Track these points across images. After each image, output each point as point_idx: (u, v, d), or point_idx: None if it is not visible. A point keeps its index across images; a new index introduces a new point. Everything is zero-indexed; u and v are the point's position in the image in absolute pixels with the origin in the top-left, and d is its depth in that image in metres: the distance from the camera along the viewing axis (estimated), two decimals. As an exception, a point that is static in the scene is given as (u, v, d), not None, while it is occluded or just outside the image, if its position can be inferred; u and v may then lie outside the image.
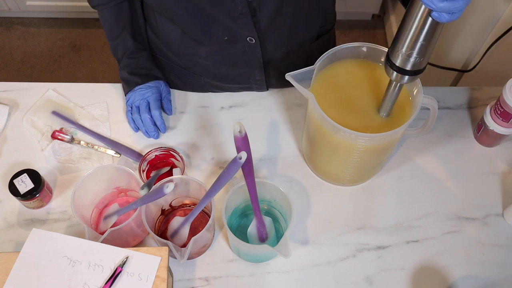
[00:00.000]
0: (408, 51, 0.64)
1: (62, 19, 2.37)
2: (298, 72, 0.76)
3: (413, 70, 0.67)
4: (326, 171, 0.90)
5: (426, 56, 0.66)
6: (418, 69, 0.67)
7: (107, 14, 0.95)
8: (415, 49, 0.64)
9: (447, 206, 0.90)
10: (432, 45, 0.64)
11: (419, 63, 0.66)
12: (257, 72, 0.99)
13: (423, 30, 0.61)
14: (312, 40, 0.98)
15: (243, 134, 0.69)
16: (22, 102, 1.02)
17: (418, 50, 0.64)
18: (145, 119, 0.94)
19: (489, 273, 0.83)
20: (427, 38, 0.62)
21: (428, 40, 0.63)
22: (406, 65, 0.67)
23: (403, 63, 0.66)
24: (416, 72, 0.68)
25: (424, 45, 0.63)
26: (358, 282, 0.82)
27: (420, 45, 0.63)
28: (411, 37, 0.63)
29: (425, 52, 0.65)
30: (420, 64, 0.67)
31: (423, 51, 0.64)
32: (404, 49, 0.65)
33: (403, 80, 0.69)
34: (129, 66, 0.98)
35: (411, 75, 0.68)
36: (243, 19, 0.84)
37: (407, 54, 0.65)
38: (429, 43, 0.63)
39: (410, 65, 0.66)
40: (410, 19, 0.61)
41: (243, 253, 0.82)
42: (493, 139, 0.95)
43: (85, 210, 0.82)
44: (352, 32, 2.35)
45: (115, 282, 0.69)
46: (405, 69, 0.67)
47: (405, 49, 0.65)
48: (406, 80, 0.69)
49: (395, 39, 0.66)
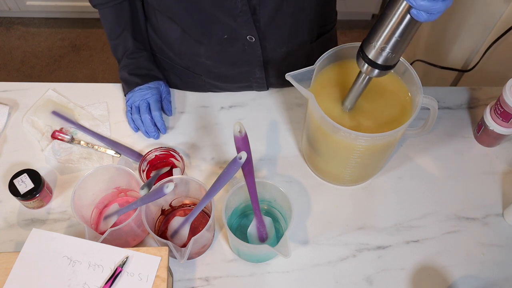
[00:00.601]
0: (382, 45, 0.65)
1: (62, 19, 2.37)
2: (298, 72, 0.76)
3: (384, 65, 0.68)
4: (326, 171, 0.90)
5: (398, 53, 0.66)
6: (389, 65, 0.68)
7: (108, 14, 0.95)
8: (389, 44, 0.65)
9: (447, 206, 0.90)
10: (406, 43, 0.65)
11: (391, 58, 0.67)
12: (257, 70, 0.98)
13: (400, 26, 0.62)
14: (313, 39, 0.98)
15: (243, 134, 0.69)
16: (22, 102, 1.02)
17: (392, 45, 0.65)
18: (145, 119, 0.94)
19: (489, 273, 0.83)
20: (403, 34, 0.63)
21: (403, 37, 0.63)
22: (378, 59, 0.67)
23: (375, 56, 0.67)
24: (386, 67, 0.68)
25: (399, 42, 0.64)
26: (358, 282, 0.82)
27: (395, 40, 0.64)
28: (387, 32, 0.63)
29: (399, 49, 0.65)
30: (392, 60, 0.67)
31: (397, 47, 0.65)
32: (378, 42, 0.65)
33: (372, 73, 0.70)
34: (129, 66, 0.98)
35: (381, 69, 0.68)
36: (243, 17, 0.84)
37: (381, 48, 0.65)
38: (404, 40, 0.64)
39: (382, 59, 0.67)
40: (389, 14, 0.62)
41: (243, 253, 0.82)
42: (493, 139, 0.95)
43: (85, 210, 0.82)
44: (352, 32, 2.35)
45: (115, 282, 0.69)
46: (376, 63, 0.68)
47: (379, 43, 0.65)
48: (375, 74, 0.69)
49: (371, 31, 0.66)
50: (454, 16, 1.47)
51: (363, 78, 0.73)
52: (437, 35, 1.59)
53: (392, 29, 0.63)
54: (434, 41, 1.63)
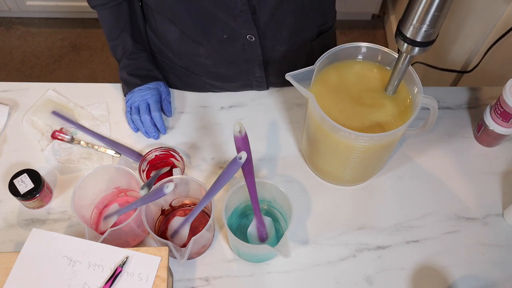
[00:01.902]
0: (419, 23, 0.65)
1: (62, 19, 2.37)
2: (298, 72, 0.76)
3: (424, 42, 0.68)
4: (326, 171, 0.90)
5: (437, 27, 0.66)
6: (429, 41, 0.68)
7: (107, 15, 0.95)
8: (426, 21, 0.65)
9: (447, 206, 0.90)
10: (443, 16, 0.65)
11: (430, 34, 0.67)
12: (257, 69, 0.98)
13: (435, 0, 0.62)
14: (313, 38, 0.98)
15: (243, 134, 0.69)
16: (22, 102, 1.02)
17: (430, 21, 0.65)
18: (145, 120, 0.94)
19: (489, 273, 0.83)
20: (439, 8, 0.63)
21: (440, 10, 0.63)
22: (417, 37, 0.67)
23: (414, 35, 0.67)
24: (426, 43, 0.68)
25: (436, 16, 0.64)
26: (358, 282, 0.82)
27: (432, 16, 0.64)
28: (422, 9, 0.63)
29: (436, 23, 0.65)
30: (430, 36, 0.67)
31: (434, 22, 0.65)
32: (415, 21, 0.65)
33: (413, 52, 0.70)
34: (129, 67, 0.98)
35: (421, 46, 0.69)
36: (243, 16, 0.84)
37: (419, 26, 0.66)
38: (441, 13, 0.64)
39: (421, 36, 0.67)
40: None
41: (243, 253, 0.82)
42: (493, 139, 0.95)
43: (85, 210, 0.82)
44: (352, 32, 2.35)
45: (115, 282, 0.69)
46: (416, 41, 0.68)
47: (415, 21, 0.65)
48: (416, 51, 0.70)
49: (405, 11, 0.66)
50: (454, 16, 1.47)
51: (404, 58, 0.73)
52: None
53: (427, 5, 0.63)
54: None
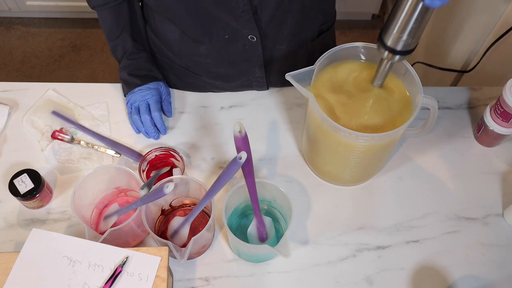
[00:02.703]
0: (399, 33, 0.67)
1: (62, 19, 2.37)
2: (298, 72, 0.76)
3: (403, 50, 0.70)
4: (326, 171, 0.90)
5: (416, 37, 0.69)
6: (408, 49, 0.70)
7: (106, 15, 0.95)
8: (406, 31, 0.67)
9: (447, 206, 0.90)
10: (422, 27, 0.67)
11: (410, 43, 0.69)
12: (257, 70, 0.98)
13: (414, 14, 0.64)
14: (313, 37, 0.98)
15: (243, 134, 0.69)
16: (22, 102, 1.02)
17: (409, 32, 0.67)
18: (145, 120, 0.94)
19: (489, 273, 0.83)
20: (418, 21, 0.65)
21: (419, 23, 0.65)
22: (397, 46, 0.69)
23: (394, 43, 0.69)
24: (406, 52, 0.71)
25: (415, 28, 0.66)
26: (358, 282, 0.82)
27: (411, 27, 0.66)
28: (402, 20, 0.66)
29: (416, 34, 0.68)
30: (410, 45, 0.69)
31: (414, 33, 0.67)
32: (395, 31, 0.67)
33: (394, 59, 0.72)
34: (129, 67, 0.98)
35: (401, 54, 0.71)
36: (244, 17, 0.84)
37: (399, 35, 0.68)
38: (420, 25, 0.66)
39: (401, 45, 0.69)
40: (402, 3, 0.64)
41: (243, 253, 0.82)
42: (493, 139, 0.95)
43: (85, 210, 0.82)
44: (352, 32, 2.35)
45: (115, 282, 0.69)
46: (396, 50, 0.70)
47: (396, 31, 0.67)
48: (397, 59, 0.72)
49: (387, 21, 0.68)
50: (454, 16, 1.47)
51: (385, 64, 0.75)
52: (437, 35, 1.59)
53: (407, 17, 0.65)
54: (434, 41, 1.63)
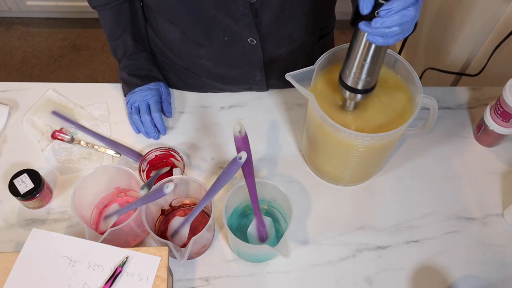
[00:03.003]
0: (357, 73, 0.69)
1: (62, 19, 2.37)
2: (298, 72, 0.76)
3: (364, 89, 0.72)
4: (326, 171, 0.90)
5: (374, 75, 0.70)
6: (369, 88, 0.72)
7: (107, 15, 0.95)
8: (363, 71, 0.69)
9: (447, 206, 0.90)
10: (379, 65, 0.69)
11: (369, 81, 0.71)
12: (258, 73, 0.99)
13: (368, 53, 0.66)
14: (314, 42, 0.98)
15: (243, 134, 0.69)
16: (22, 102, 1.02)
17: (366, 71, 0.69)
18: (145, 120, 0.94)
19: (489, 273, 0.83)
20: (372, 60, 0.67)
21: (374, 62, 0.67)
22: (358, 85, 0.71)
23: (354, 83, 0.71)
24: (367, 90, 0.72)
25: (371, 67, 0.68)
26: (358, 282, 0.82)
27: (367, 66, 0.68)
28: (357, 61, 0.68)
29: (373, 72, 0.69)
30: (370, 83, 0.71)
31: (371, 71, 0.69)
32: (353, 71, 0.69)
33: (356, 98, 0.74)
34: (129, 67, 0.98)
35: (362, 93, 0.72)
36: (244, 20, 0.84)
37: (357, 75, 0.70)
38: (375, 64, 0.68)
39: (361, 84, 0.71)
40: (354, 44, 0.66)
41: (243, 253, 0.82)
42: (493, 139, 0.95)
43: (85, 210, 0.82)
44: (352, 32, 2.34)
45: (115, 282, 0.69)
46: (357, 89, 0.72)
47: (354, 71, 0.69)
48: (359, 98, 0.74)
49: (344, 62, 0.70)
50: (454, 16, 1.47)
51: (349, 104, 0.77)
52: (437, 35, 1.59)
53: (362, 57, 0.67)
54: (434, 41, 1.63)
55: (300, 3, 0.85)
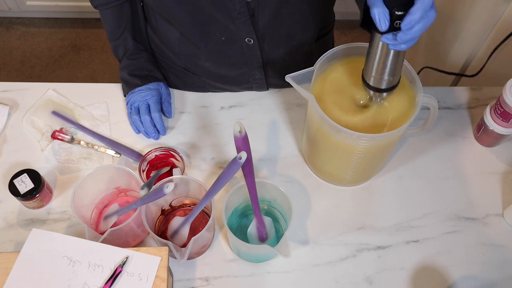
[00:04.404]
0: (379, 74, 0.69)
1: (62, 19, 2.37)
2: (298, 74, 0.77)
3: (388, 88, 0.72)
4: (326, 171, 0.90)
5: (396, 74, 0.70)
6: (392, 86, 0.72)
7: (109, 15, 0.95)
8: (385, 72, 0.69)
9: (447, 206, 0.90)
10: (399, 65, 0.69)
11: (392, 80, 0.71)
12: (257, 72, 0.98)
13: (388, 57, 0.66)
14: (312, 42, 0.98)
15: (243, 134, 0.69)
16: (22, 102, 1.02)
17: (388, 72, 0.69)
18: (145, 120, 0.94)
19: (489, 273, 0.83)
20: (394, 62, 0.67)
21: (395, 63, 0.67)
22: (381, 85, 0.71)
23: (377, 84, 0.71)
24: (391, 88, 0.72)
25: (393, 68, 0.68)
26: (358, 282, 0.82)
27: (389, 68, 0.68)
28: (377, 64, 0.68)
29: (395, 72, 0.69)
30: (393, 81, 0.71)
31: (393, 72, 0.69)
32: (374, 73, 0.70)
33: (381, 97, 0.75)
34: (129, 67, 0.98)
35: (387, 91, 0.73)
36: (241, 19, 0.84)
37: (379, 76, 0.70)
38: (397, 64, 0.68)
39: (384, 84, 0.71)
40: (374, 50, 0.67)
41: (243, 253, 0.82)
42: (493, 139, 0.95)
43: (85, 210, 0.82)
44: (352, 32, 2.35)
45: (115, 282, 0.69)
46: (380, 88, 0.72)
47: (374, 73, 0.70)
48: (384, 96, 0.74)
49: (366, 63, 0.70)
50: (453, 16, 1.47)
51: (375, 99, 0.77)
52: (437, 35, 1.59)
53: (382, 61, 0.67)
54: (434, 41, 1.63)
55: (297, 3, 0.85)
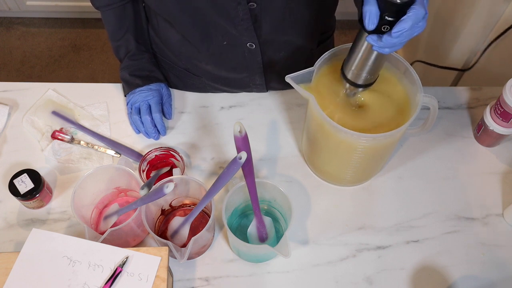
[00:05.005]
0: (358, 70, 0.70)
1: (62, 19, 2.37)
2: (298, 74, 0.77)
3: (364, 84, 0.73)
4: (327, 171, 0.90)
5: (375, 73, 0.72)
6: (369, 83, 0.73)
7: (111, 16, 0.95)
8: (364, 70, 0.70)
9: (447, 206, 0.90)
10: (380, 66, 0.70)
11: (369, 78, 0.72)
12: (257, 77, 0.99)
13: (370, 57, 0.68)
14: (313, 47, 0.98)
15: (243, 134, 0.69)
16: (22, 102, 1.02)
17: (367, 70, 0.70)
18: (146, 120, 0.94)
19: (489, 273, 0.83)
20: (374, 62, 0.68)
21: (376, 63, 0.69)
22: (358, 80, 0.72)
23: (355, 78, 0.72)
24: (367, 85, 0.74)
25: (373, 67, 0.69)
26: (358, 282, 0.82)
27: (368, 67, 0.69)
28: (359, 61, 0.69)
29: (374, 71, 0.71)
30: (370, 79, 0.72)
31: (372, 71, 0.70)
32: (354, 68, 0.71)
33: (357, 91, 0.75)
34: (131, 67, 0.98)
35: (363, 87, 0.74)
36: (244, 25, 0.84)
37: (357, 72, 0.71)
38: (377, 65, 0.70)
39: (361, 80, 0.72)
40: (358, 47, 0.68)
41: (243, 253, 0.82)
42: (493, 139, 0.95)
43: (85, 210, 0.82)
44: (352, 32, 2.35)
45: (115, 282, 0.69)
46: (357, 83, 0.73)
47: (354, 68, 0.71)
48: (360, 91, 0.75)
49: (347, 56, 0.71)
50: (454, 15, 1.47)
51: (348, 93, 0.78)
52: (437, 34, 1.59)
53: (363, 59, 0.68)
54: (434, 40, 1.63)
55: (301, 9, 0.85)
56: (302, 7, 0.85)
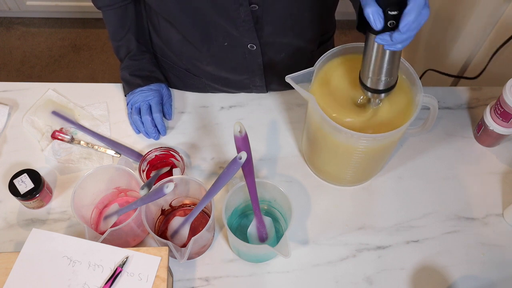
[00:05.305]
0: (376, 76, 0.69)
1: (62, 19, 2.37)
2: (298, 74, 0.77)
3: (386, 89, 0.72)
4: (327, 171, 0.90)
5: (393, 74, 0.70)
6: (390, 86, 0.72)
7: (112, 16, 0.95)
8: (382, 74, 0.69)
9: (447, 206, 0.90)
10: (396, 65, 0.69)
11: (389, 81, 0.71)
12: (258, 79, 0.99)
13: (384, 58, 0.66)
14: (314, 48, 0.98)
15: (243, 134, 0.69)
16: (22, 102, 1.02)
17: (385, 73, 0.69)
18: (146, 120, 0.94)
19: (489, 273, 0.83)
20: (390, 63, 0.67)
21: (391, 63, 0.67)
22: (379, 86, 0.71)
23: (375, 85, 0.71)
24: (389, 89, 0.72)
25: (389, 68, 0.68)
26: (358, 282, 0.82)
27: (386, 69, 0.68)
28: (374, 65, 0.68)
29: (392, 72, 0.69)
30: (391, 82, 0.71)
31: (390, 72, 0.69)
32: (371, 74, 0.70)
33: (380, 97, 0.74)
34: (131, 67, 0.98)
35: (385, 92, 0.73)
36: (245, 26, 0.84)
37: (376, 78, 0.70)
38: (393, 65, 0.68)
39: (382, 85, 0.71)
40: (370, 52, 0.67)
41: (243, 253, 0.82)
42: (493, 139, 0.95)
43: (85, 210, 0.82)
44: (352, 32, 2.35)
45: (115, 282, 0.69)
46: (378, 89, 0.72)
47: (371, 74, 0.69)
48: (382, 96, 0.74)
49: (362, 67, 0.71)
50: (453, 16, 1.47)
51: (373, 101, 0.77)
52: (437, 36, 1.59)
53: (379, 62, 0.67)
54: (434, 42, 1.63)
55: (302, 11, 0.85)
56: (304, 9, 0.85)
